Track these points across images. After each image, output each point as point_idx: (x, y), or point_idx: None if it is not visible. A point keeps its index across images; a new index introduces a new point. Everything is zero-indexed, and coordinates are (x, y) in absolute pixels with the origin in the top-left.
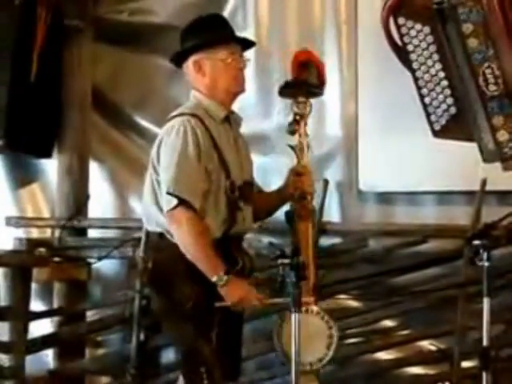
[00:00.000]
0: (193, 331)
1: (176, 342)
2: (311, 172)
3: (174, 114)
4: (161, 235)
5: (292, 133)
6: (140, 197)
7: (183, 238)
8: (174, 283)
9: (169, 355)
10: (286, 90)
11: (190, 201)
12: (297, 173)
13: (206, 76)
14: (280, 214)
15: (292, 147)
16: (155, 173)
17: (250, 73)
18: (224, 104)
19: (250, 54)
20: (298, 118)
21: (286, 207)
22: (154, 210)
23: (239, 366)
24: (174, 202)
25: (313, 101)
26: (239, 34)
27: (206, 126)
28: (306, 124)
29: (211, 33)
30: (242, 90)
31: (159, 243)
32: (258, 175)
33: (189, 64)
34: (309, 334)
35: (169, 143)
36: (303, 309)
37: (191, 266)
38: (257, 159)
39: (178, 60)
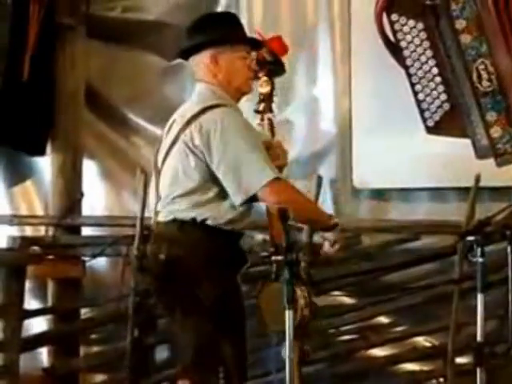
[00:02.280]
0: (213, 328)
1: (190, 341)
2: (280, 146)
3: (206, 106)
4: (180, 226)
5: (258, 112)
6: (133, 194)
7: (297, 198)
8: (194, 279)
9: (163, 353)
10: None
11: (279, 175)
12: (266, 148)
13: (221, 72)
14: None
15: (259, 124)
16: (192, 160)
17: None
18: (234, 101)
19: None
20: (261, 97)
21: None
22: (181, 198)
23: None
24: (271, 174)
25: (306, 98)
26: None
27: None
28: (271, 101)
29: (231, 28)
30: (250, 91)
31: (176, 235)
32: None
33: (202, 58)
34: (275, 300)
35: (229, 131)
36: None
37: (211, 261)
38: None
39: (187, 53)
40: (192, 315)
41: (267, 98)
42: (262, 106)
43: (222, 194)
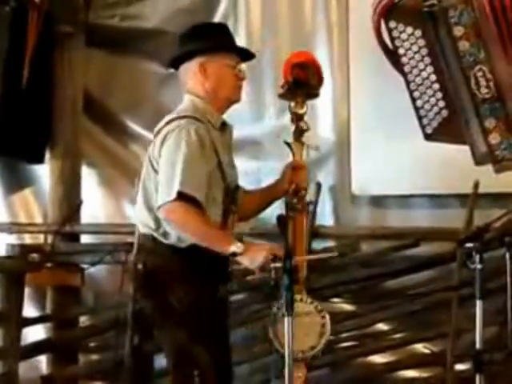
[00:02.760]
0: (187, 334)
1: (169, 346)
2: (306, 168)
3: (173, 116)
4: (154, 238)
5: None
6: (132, 201)
7: (187, 221)
8: (168, 286)
9: (162, 360)
10: (286, 91)
11: (196, 196)
12: (293, 167)
13: (208, 80)
14: (271, 217)
15: (288, 144)
16: (155, 173)
17: None
18: (220, 111)
19: None
20: (297, 117)
21: (278, 211)
22: (148, 212)
23: (231, 362)
24: (174, 194)
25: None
26: None
27: (208, 129)
28: (302, 122)
29: (219, 38)
30: (239, 100)
31: (151, 246)
32: (249, 179)
33: (191, 65)
34: (302, 324)
35: (173, 142)
36: (298, 297)
37: (185, 269)
38: (248, 163)
39: (177, 61)
40: (167, 323)
41: (300, 119)
42: (294, 127)
43: None
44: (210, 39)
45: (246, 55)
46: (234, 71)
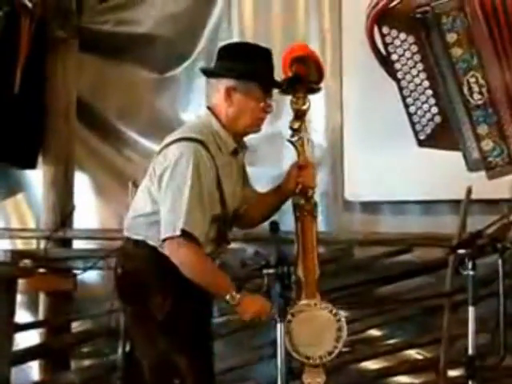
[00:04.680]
0: (166, 343)
1: (147, 355)
2: (313, 166)
3: (182, 136)
4: (137, 243)
5: (294, 130)
6: (125, 207)
7: (190, 263)
8: (146, 293)
9: None
10: (287, 86)
11: (198, 237)
12: (299, 167)
13: (231, 106)
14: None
15: (292, 142)
16: (154, 188)
17: None
18: (235, 137)
19: None
20: (299, 113)
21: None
22: (142, 219)
23: (213, 369)
24: (178, 231)
25: None
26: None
27: (212, 155)
28: (305, 119)
29: (256, 65)
30: (258, 131)
31: (133, 251)
32: None
33: (219, 85)
34: (318, 328)
35: (178, 174)
36: (312, 302)
37: (163, 275)
38: None
39: (212, 73)
40: (145, 329)
41: (302, 115)
42: (297, 124)
43: None
44: (245, 64)
45: (277, 86)
46: (260, 104)
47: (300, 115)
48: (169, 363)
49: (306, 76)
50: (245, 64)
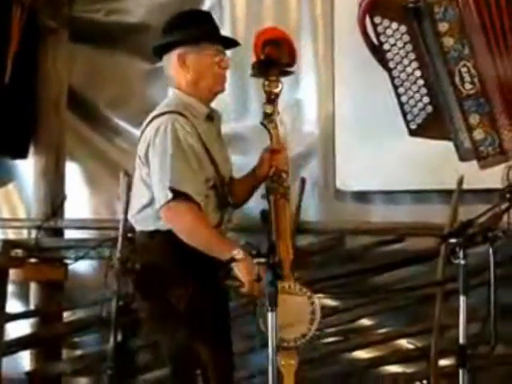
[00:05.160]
0: (188, 333)
1: (169, 346)
2: (286, 149)
3: (157, 112)
4: (151, 235)
5: (267, 114)
6: (117, 197)
7: (188, 225)
8: (166, 284)
9: (146, 356)
10: (259, 69)
11: (192, 195)
12: (272, 150)
13: (189, 71)
14: (256, 212)
15: (265, 125)
16: (145, 173)
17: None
18: (204, 101)
19: (227, 52)
20: (272, 96)
21: (262, 206)
22: (148, 210)
23: (233, 359)
24: (171, 194)
25: (289, 100)
26: None
27: (192, 123)
28: (277, 102)
29: (200, 28)
30: (223, 90)
31: (148, 243)
32: (235, 175)
33: (171, 57)
34: (292, 310)
35: (158, 144)
36: (286, 285)
37: (182, 266)
38: (234, 159)
39: (161, 52)
40: (167, 322)
41: (275, 98)
42: (270, 108)
43: None
44: (189, 29)
45: (229, 43)
46: (214, 60)
47: (273, 99)
48: (190, 354)
49: (278, 58)
50: (188, 29)
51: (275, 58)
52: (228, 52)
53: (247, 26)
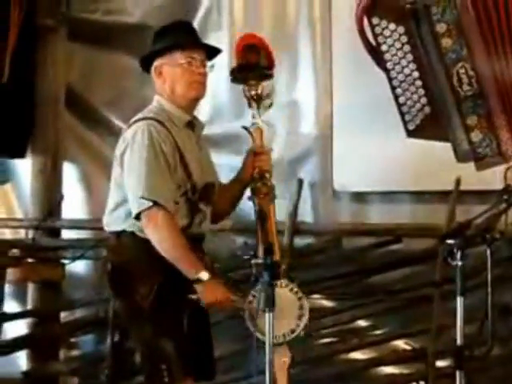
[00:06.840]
0: (153, 329)
1: (138, 343)
2: (269, 151)
3: (136, 118)
4: (118, 235)
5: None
6: None
7: (161, 237)
8: (131, 283)
9: None
10: (238, 74)
11: (164, 204)
12: (255, 153)
13: (165, 82)
14: (250, 213)
15: (246, 128)
16: (118, 173)
17: (222, 73)
18: (185, 109)
19: (224, 54)
20: (253, 100)
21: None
22: (117, 207)
23: (214, 364)
24: (147, 203)
25: (287, 101)
26: (214, 34)
27: (168, 130)
28: (259, 106)
29: (170, 38)
30: (199, 96)
31: (116, 244)
32: (230, 175)
33: (151, 69)
34: (280, 307)
35: (135, 149)
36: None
37: (148, 265)
38: (229, 159)
39: (146, 65)
40: (134, 319)
41: (255, 102)
42: (252, 112)
43: None
44: (163, 40)
45: (213, 50)
46: (188, 68)
47: (254, 102)
48: (156, 350)
49: (256, 63)
50: (161, 41)
51: (253, 63)
52: (225, 53)
53: (245, 29)
